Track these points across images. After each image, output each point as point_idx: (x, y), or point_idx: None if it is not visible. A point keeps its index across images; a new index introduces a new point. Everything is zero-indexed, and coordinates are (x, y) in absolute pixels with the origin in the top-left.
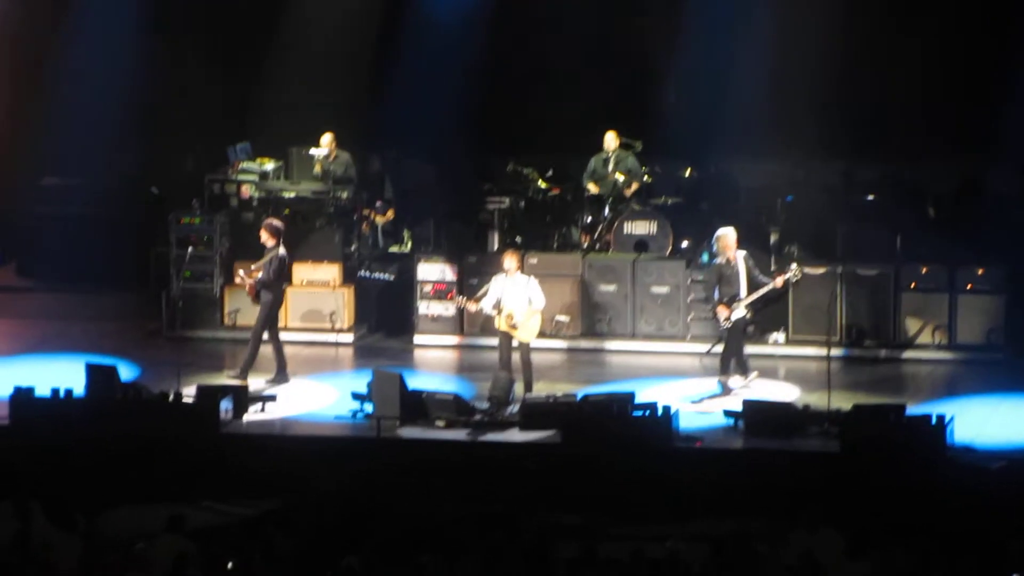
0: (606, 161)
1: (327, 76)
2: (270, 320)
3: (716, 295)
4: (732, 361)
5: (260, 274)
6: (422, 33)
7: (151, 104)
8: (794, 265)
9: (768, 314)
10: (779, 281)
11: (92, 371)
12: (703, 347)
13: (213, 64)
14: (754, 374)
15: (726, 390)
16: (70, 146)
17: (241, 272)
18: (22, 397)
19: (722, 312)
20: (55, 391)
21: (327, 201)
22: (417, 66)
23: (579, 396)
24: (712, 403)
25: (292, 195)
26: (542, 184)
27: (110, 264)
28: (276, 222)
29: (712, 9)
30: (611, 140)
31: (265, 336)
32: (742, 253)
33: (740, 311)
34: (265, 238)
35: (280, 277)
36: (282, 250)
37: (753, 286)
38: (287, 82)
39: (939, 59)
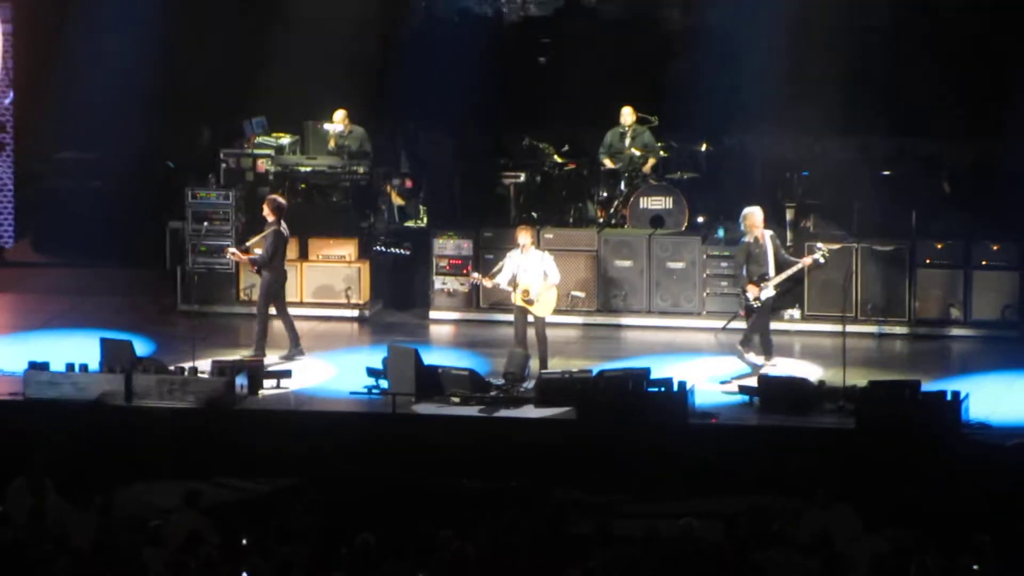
0: (622, 135)
1: (343, 49)
2: (272, 296)
3: (744, 274)
4: (756, 338)
5: (258, 251)
6: (438, 6)
7: (167, 77)
8: (821, 245)
9: (783, 291)
10: (807, 261)
11: (107, 346)
12: (719, 323)
13: (228, 37)
14: (774, 361)
15: (755, 369)
16: (86, 120)
17: (233, 249)
18: (37, 372)
19: (752, 291)
20: (70, 366)
21: (343, 176)
22: (433, 40)
23: (594, 372)
24: (741, 383)
25: (308, 169)
26: (558, 159)
27: (125, 239)
28: (279, 198)
29: None
30: (627, 115)
31: (274, 311)
32: (769, 232)
33: (769, 291)
34: (267, 213)
35: (277, 254)
36: (283, 227)
37: (780, 265)
38: (303, 54)
39: (954, 34)
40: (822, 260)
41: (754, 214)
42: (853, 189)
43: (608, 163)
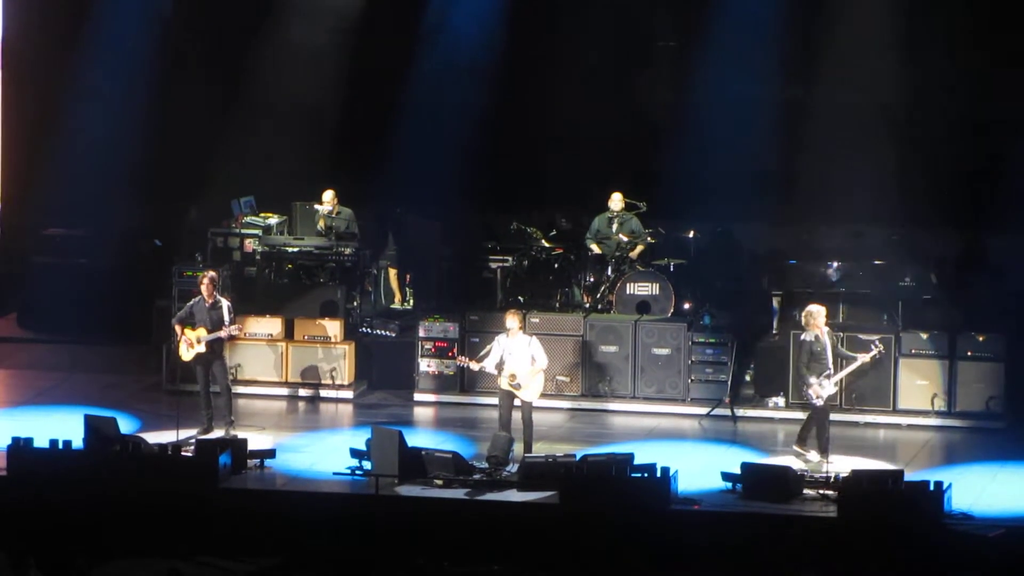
0: (610, 221)
1: (332, 132)
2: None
3: (804, 371)
4: (812, 435)
5: (232, 328)
6: (427, 90)
7: (155, 156)
8: (878, 339)
9: (767, 379)
10: (866, 357)
11: (91, 423)
12: (703, 409)
13: (218, 117)
14: (831, 459)
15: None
16: (74, 197)
17: (226, 331)
18: (20, 448)
19: (815, 389)
20: (53, 443)
21: (330, 256)
22: (422, 123)
23: (578, 456)
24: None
25: (295, 250)
26: (545, 243)
27: (112, 316)
28: (212, 272)
29: (719, 71)
30: (617, 201)
31: (206, 384)
32: (827, 329)
33: (830, 387)
34: (208, 293)
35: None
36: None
37: (839, 361)
38: (292, 136)
39: (944, 127)
40: (879, 355)
41: (819, 313)
42: (841, 278)
43: (595, 248)
